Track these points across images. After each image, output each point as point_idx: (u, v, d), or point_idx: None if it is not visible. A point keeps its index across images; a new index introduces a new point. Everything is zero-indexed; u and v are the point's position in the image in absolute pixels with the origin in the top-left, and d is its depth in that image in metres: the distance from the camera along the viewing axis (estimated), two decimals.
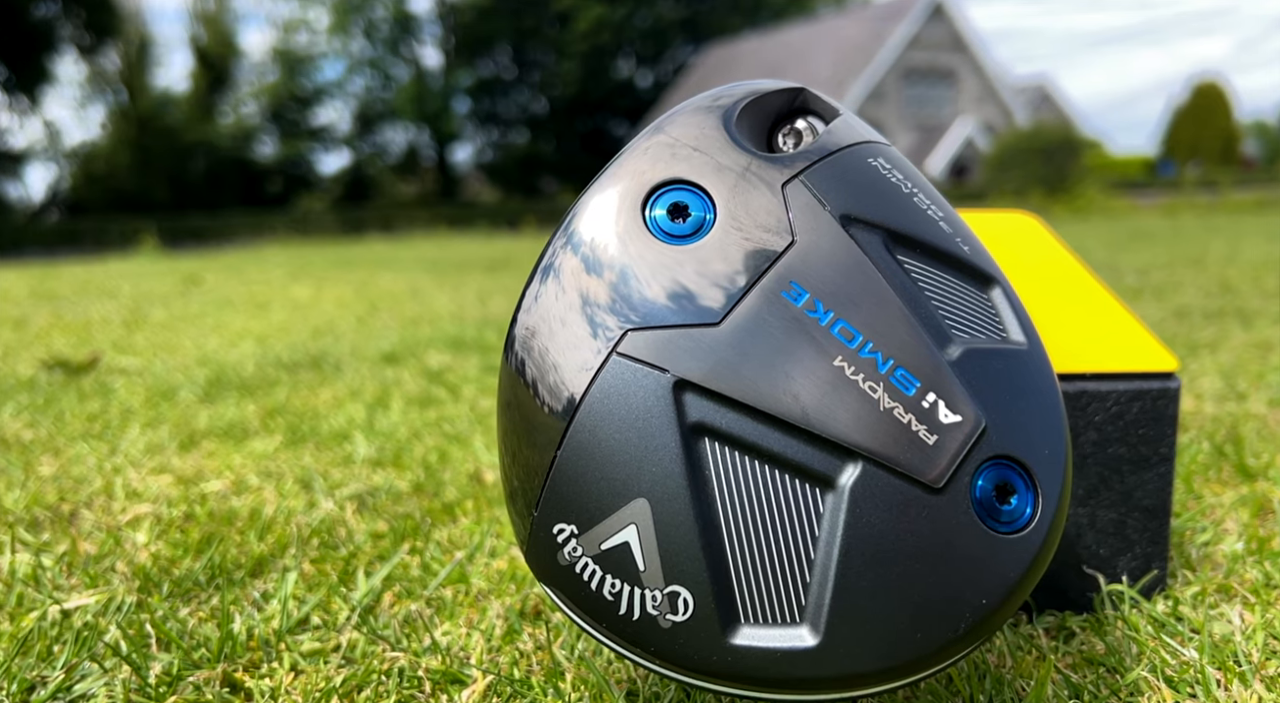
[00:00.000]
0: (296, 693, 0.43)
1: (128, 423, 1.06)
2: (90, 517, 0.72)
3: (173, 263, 4.94)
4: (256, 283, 3.23)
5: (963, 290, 0.38)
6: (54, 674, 0.45)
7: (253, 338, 1.78)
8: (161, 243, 7.49)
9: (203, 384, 1.30)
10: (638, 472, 0.34)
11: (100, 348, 1.67)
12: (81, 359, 1.49)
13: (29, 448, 0.96)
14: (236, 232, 10.96)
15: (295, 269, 4.03)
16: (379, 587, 0.55)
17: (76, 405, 1.17)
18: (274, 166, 18.89)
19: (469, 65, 19.55)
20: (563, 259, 0.36)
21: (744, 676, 0.34)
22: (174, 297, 2.74)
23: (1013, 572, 0.34)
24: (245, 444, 0.95)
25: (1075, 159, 12.22)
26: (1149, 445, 0.50)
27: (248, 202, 16.95)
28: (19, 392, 1.29)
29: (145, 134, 17.62)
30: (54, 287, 3.23)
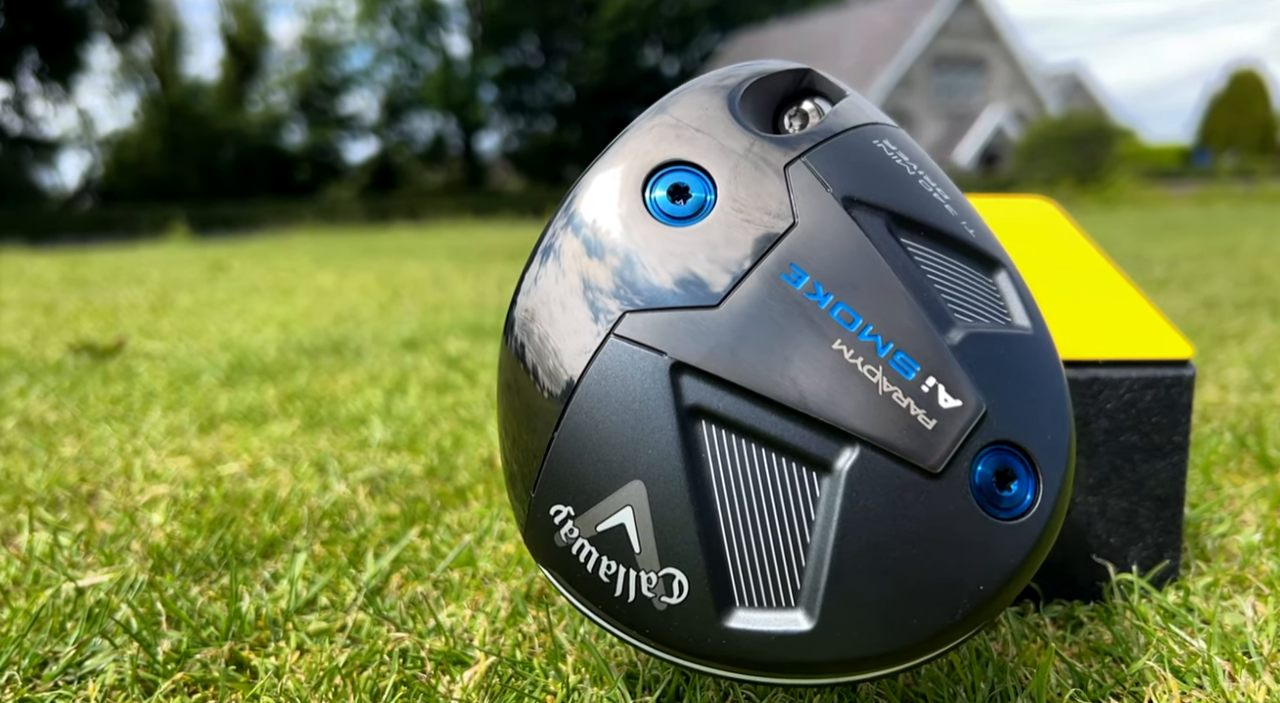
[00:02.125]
0: (301, 672, 0.44)
1: (150, 406, 1.07)
2: (109, 497, 0.73)
3: (201, 250, 4.99)
4: (282, 270, 3.25)
5: (967, 274, 0.38)
6: (65, 650, 0.46)
7: (276, 324, 1.80)
8: (191, 230, 7.57)
9: (225, 368, 1.31)
10: (634, 454, 0.34)
11: (126, 332, 1.69)
12: (107, 343, 1.51)
13: (53, 430, 0.97)
14: (265, 219, 11.05)
15: (321, 257, 4.06)
16: (387, 569, 0.56)
17: (101, 388, 1.18)
18: (302, 155, 19.03)
19: (496, 53, 19.56)
20: (562, 240, 0.36)
21: (738, 659, 0.34)
22: (200, 283, 2.77)
23: (1012, 558, 0.34)
24: (264, 428, 0.96)
25: (1107, 148, 12.05)
26: (1162, 434, 0.49)
27: (276, 190, 17.08)
28: (46, 374, 1.30)
29: (176, 122, 17.79)
30: (85, 273, 3.27)
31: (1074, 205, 8.14)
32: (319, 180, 18.76)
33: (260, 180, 17.44)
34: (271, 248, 5.10)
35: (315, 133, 19.10)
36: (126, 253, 4.88)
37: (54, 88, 17.73)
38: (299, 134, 19.27)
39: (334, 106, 19.67)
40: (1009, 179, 12.56)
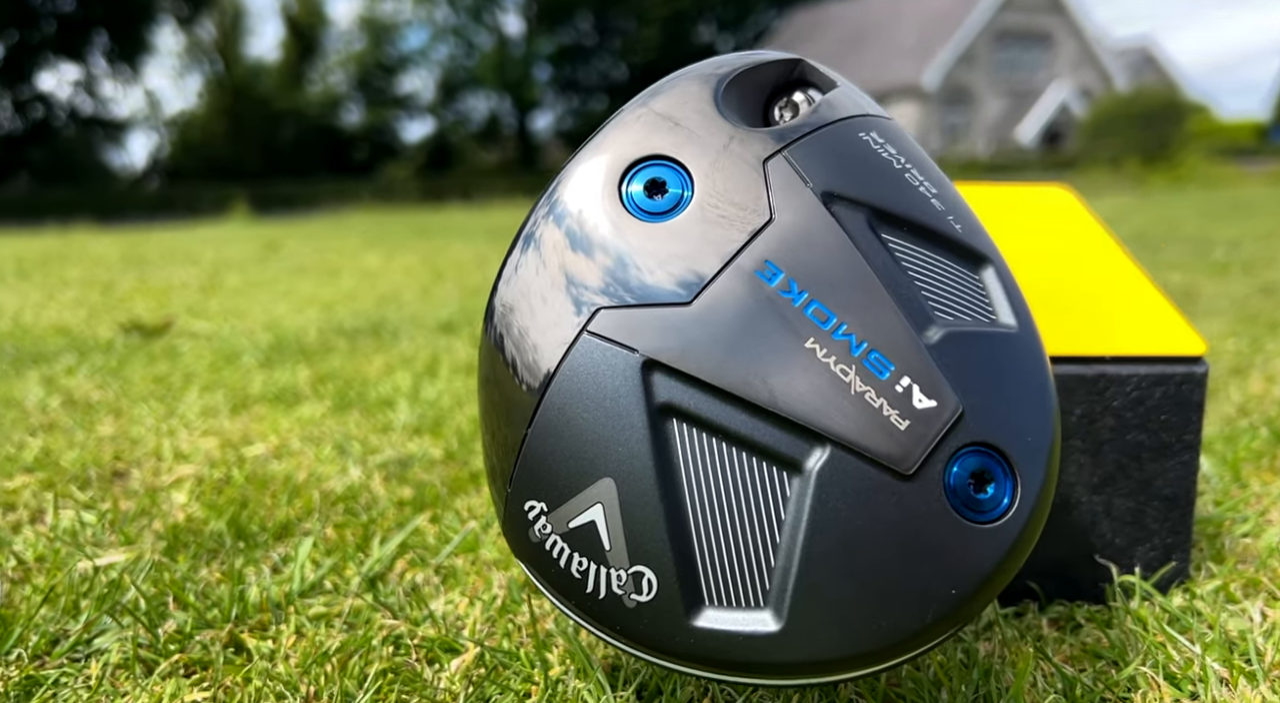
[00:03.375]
0: (295, 656, 0.45)
1: (188, 386, 1.10)
2: (139, 476, 0.76)
3: (258, 229, 5.09)
4: (332, 251, 3.31)
5: (951, 270, 0.37)
6: (75, 628, 0.48)
7: (319, 305, 1.83)
8: (252, 209, 7.72)
9: (265, 349, 1.34)
10: (605, 451, 0.34)
11: (175, 312, 1.73)
12: (156, 323, 1.55)
13: (94, 408, 1.00)
14: (323, 199, 11.21)
15: (371, 237, 4.11)
16: (390, 555, 0.56)
17: (144, 368, 1.22)
18: (360, 134, 19.27)
19: (550, 32, 19.56)
20: (543, 230, 0.36)
21: (707, 658, 0.34)
22: (251, 263, 2.83)
23: (986, 562, 0.33)
24: (295, 409, 0.98)
25: (1178, 125, 11.68)
26: (1171, 432, 0.48)
27: (335, 169, 17.34)
28: (96, 353, 1.34)
29: (239, 103, 18.13)
30: (143, 252, 3.36)
31: (1142, 185, 7.91)
32: (376, 160, 18.99)
33: (319, 160, 17.72)
34: (326, 228, 5.19)
35: (372, 113, 19.33)
36: (185, 232, 5.00)
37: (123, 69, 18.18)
38: (357, 114, 19.52)
39: (391, 86, 19.87)
40: (1071, 158, 12.24)
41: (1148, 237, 2.99)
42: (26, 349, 1.39)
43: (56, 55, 17.82)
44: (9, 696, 0.42)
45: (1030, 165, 12.42)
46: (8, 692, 0.42)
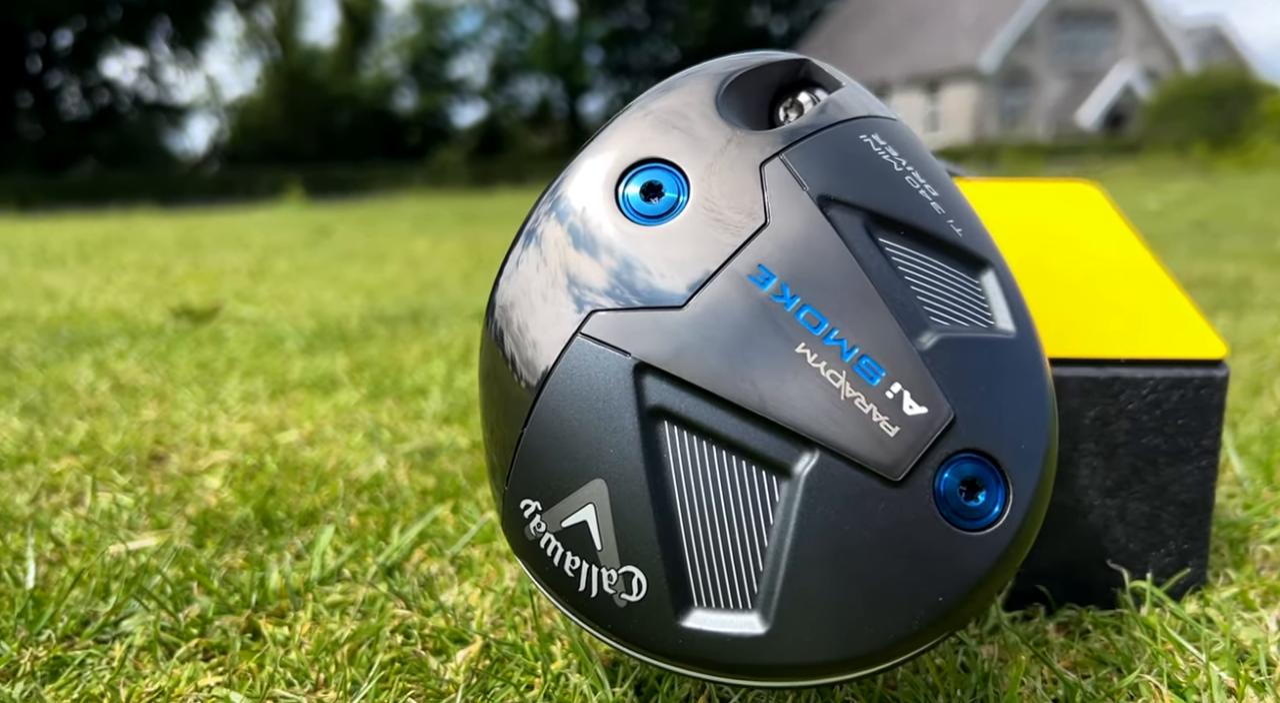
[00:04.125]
0: (309, 643, 0.46)
1: (230, 372, 1.13)
2: (177, 461, 0.78)
3: (310, 214, 5.18)
4: (381, 235, 3.35)
5: (949, 275, 0.36)
6: (104, 611, 0.50)
7: (364, 291, 1.86)
8: (307, 193, 7.84)
9: (308, 336, 1.36)
10: (597, 453, 0.34)
11: (223, 297, 1.77)
12: (205, 308, 1.59)
13: (140, 393, 1.03)
14: (377, 183, 11.36)
15: (420, 222, 4.16)
16: (409, 545, 0.58)
17: (190, 353, 1.25)
18: (413, 119, 19.47)
19: (602, 15, 19.52)
20: (544, 227, 0.37)
21: (695, 658, 0.34)
22: (300, 248, 2.88)
23: (976, 570, 0.33)
24: (331, 396, 1.00)
25: (1250, 107, 11.29)
26: (1189, 437, 0.47)
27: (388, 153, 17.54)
28: (146, 337, 1.38)
29: (295, 88, 18.41)
30: (198, 236, 3.44)
31: (1209, 171, 7.67)
32: (429, 144, 19.17)
33: (373, 144, 17.94)
34: (377, 212, 5.26)
35: (425, 97, 19.50)
36: (241, 216, 5.11)
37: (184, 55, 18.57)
38: (410, 98, 19.71)
39: (443, 71, 20.02)
40: (1135, 142, 11.92)
41: (1210, 224, 2.90)
42: (82, 333, 1.44)
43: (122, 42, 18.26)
44: (36, 675, 0.44)
45: (1091, 149, 12.13)
46: (35, 671, 0.44)
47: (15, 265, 2.57)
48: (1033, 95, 17.23)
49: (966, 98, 17.19)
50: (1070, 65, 17.18)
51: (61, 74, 18.42)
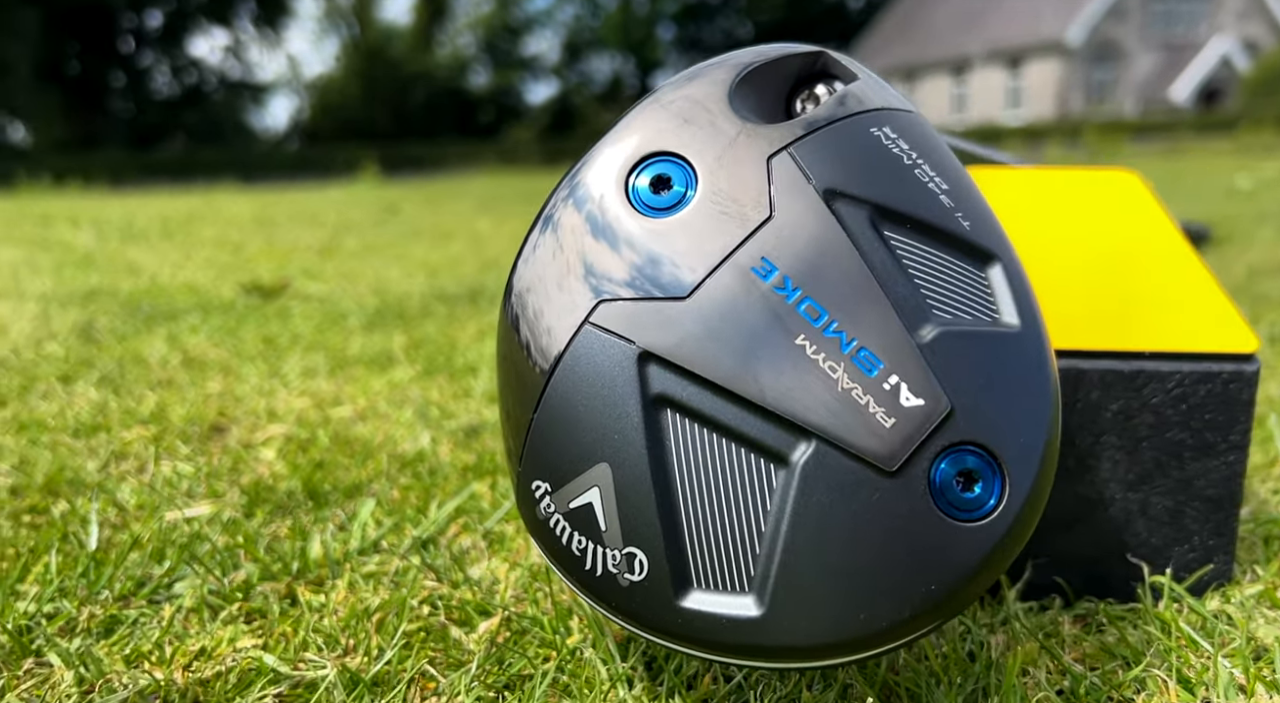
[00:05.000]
0: (343, 610, 0.49)
1: (293, 347, 1.17)
2: (236, 433, 0.82)
3: (382, 192, 5.28)
4: (447, 214, 3.41)
5: (954, 268, 0.37)
6: (158, 574, 0.53)
7: (427, 269, 1.90)
8: (382, 170, 7.99)
9: (370, 313, 1.40)
10: (602, 438, 0.36)
11: (292, 274, 1.83)
12: (274, 284, 1.64)
13: (207, 366, 1.08)
14: (450, 160, 11.51)
15: (487, 201, 4.21)
16: (444, 519, 0.60)
17: (257, 328, 1.30)
18: (486, 96, 19.64)
19: None
20: (560, 214, 0.38)
21: (693, 637, 0.35)
22: (370, 226, 2.95)
23: (969, 560, 0.34)
24: (387, 372, 1.03)
25: None
26: (1216, 432, 0.46)
27: (461, 131, 17.74)
28: (218, 313, 1.44)
29: (372, 66, 18.71)
30: (274, 213, 3.54)
31: None
32: (501, 122, 19.33)
33: (447, 121, 18.15)
34: (445, 191, 5.34)
35: (499, 75, 19.65)
36: (316, 193, 5.23)
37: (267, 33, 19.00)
38: (483, 76, 19.88)
39: (517, 48, 20.12)
40: (1232, 118, 11.42)
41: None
42: (159, 307, 1.50)
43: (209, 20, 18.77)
44: (92, 632, 0.47)
45: (1183, 126, 11.66)
46: (91, 628, 0.47)
47: (103, 240, 2.68)
48: (1121, 70, 16.62)
49: (1050, 73, 16.65)
50: (1163, 38, 16.50)
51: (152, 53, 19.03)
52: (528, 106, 20.30)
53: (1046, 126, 12.62)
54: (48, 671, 0.43)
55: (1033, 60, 16.97)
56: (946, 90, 19.14)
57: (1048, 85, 16.71)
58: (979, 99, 18.36)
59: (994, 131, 13.25)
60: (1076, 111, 15.78)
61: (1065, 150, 8.38)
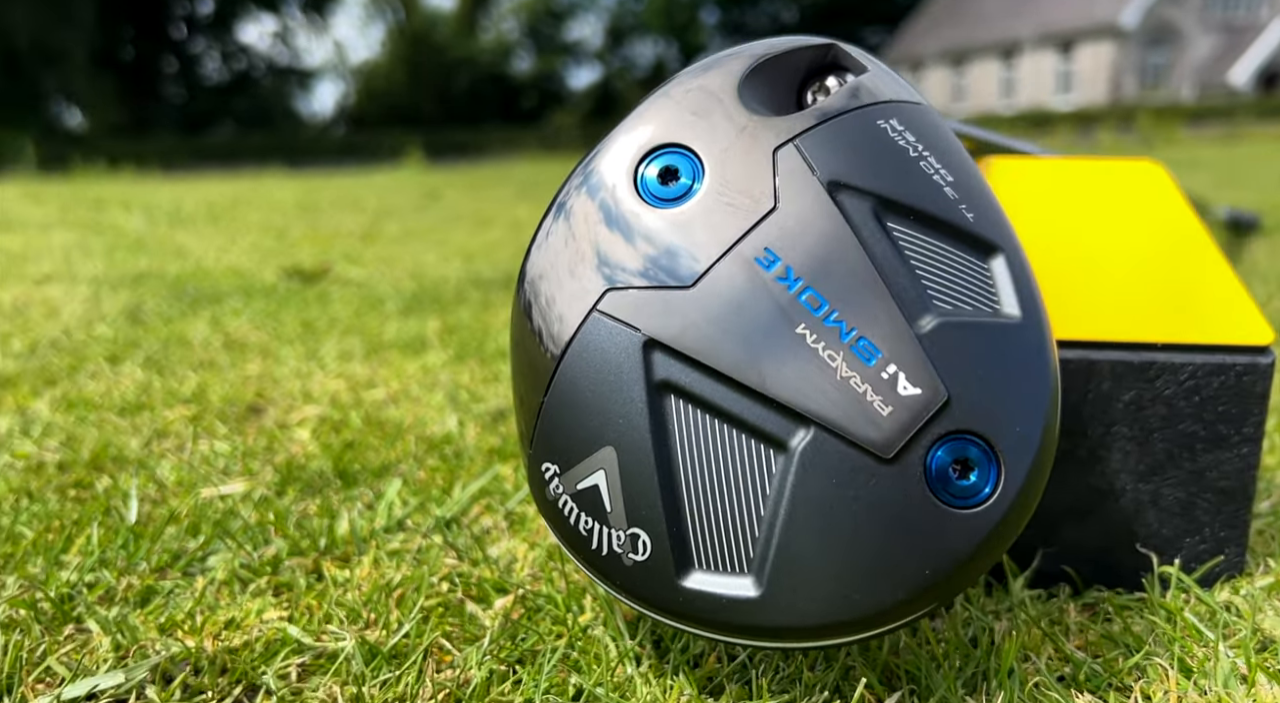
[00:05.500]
0: (366, 586, 0.50)
1: (331, 331, 1.20)
2: (272, 414, 0.84)
3: (425, 177, 5.33)
4: (488, 200, 3.44)
5: (957, 260, 0.37)
6: (193, 547, 0.55)
7: (464, 255, 1.92)
8: (426, 155, 8.05)
9: (407, 298, 1.43)
10: (608, 422, 0.37)
11: (333, 259, 1.86)
12: (315, 269, 1.67)
13: (247, 349, 1.11)
14: (493, 146, 11.57)
15: (527, 187, 4.24)
16: (467, 499, 0.62)
17: (297, 312, 1.33)
18: (529, 82, 19.69)
19: None
20: (573, 202, 0.39)
21: (694, 616, 0.36)
22: (411, 211, 2.98)
23: (963, 546, 0.34)
24: (420, 357, 1.05)
25: None
26: (1230, 424, 0.46)
27: (504, 116, 17.81)
28: (260, 297, 1.47)
29: (417, 51, 18.83)
30: (317, 198, 3.59)
31: None
32: (544, 107, 19.37)
33: (490, 107, 18.23)
34: (487, 177, 5.37)
35: (542, 60, 19.68)
36: (360, 179, 5.30)
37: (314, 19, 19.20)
38: (527, 61, 19.92)
39: (560, 33, 20.13)
40: None
41: None
42: (204, 291, 1.54)
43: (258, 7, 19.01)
44: (129, 601, 0.49)
45: (1241, 111, 11.35)
46: (129, 598, 0.49)
47: (153, 225, 2.75)
48: (1178, 53, 16.21)
49: (1104, 57, 16.29)
50: (1222, 20, 16.06)
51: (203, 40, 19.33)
52: (570, 92, 20.33)
53: (1098, 112, 12.36)
54: (86, 636, 0.45)
55: (1085, 43, 16.61)
56: (995, 75, 18.81)
57: (1100, 69, 16.35)
58: (1028, 83, 18.03)
59: (1043, 117, 13.00)
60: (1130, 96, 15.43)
61: (1117, 136, 8.20)
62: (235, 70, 19.44)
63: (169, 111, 18.83)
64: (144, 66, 18.77)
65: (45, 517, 0.60)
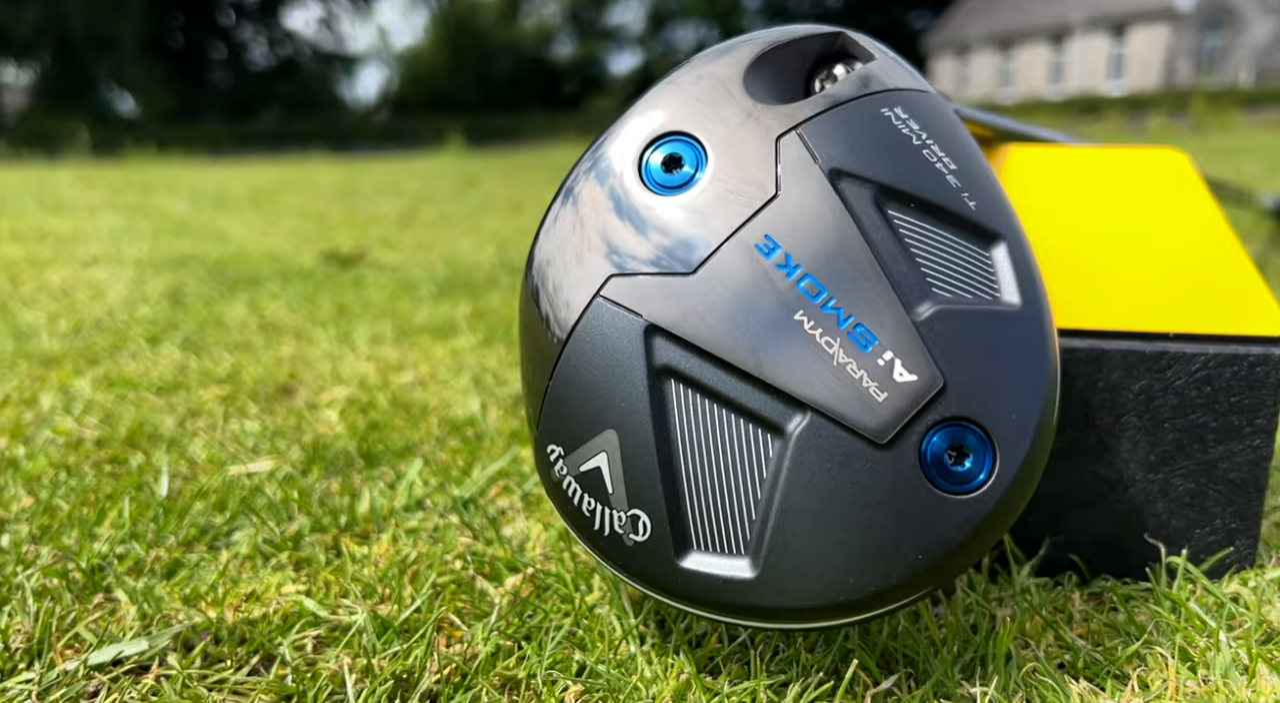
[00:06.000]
0: (382, 562, 0.52)
1: (364, 315, 1.22)
2: (303, 395, 0.86)
3: (463, 163, 5.36)
4: (524, 186, 3.45)
5: (957, 247, 0.37)
6: (219, 522, 0.57)
7: (498, 241, 1.94)
8: (466, 141, 8.10)
9: (439, 283, 1.45)
10: (610, 405, 0.38)
11: (370, 244, 1.89)
12: (351, 253, 1.70)
13: (282, 331, 1.13)
14: (533, 132, 11.60)
15: (563, 172, 4.24)
16: (485, 480, 0.63)
17: (332, 296, 1.35)
18: (570, 67, 19.68)
19: None
20: (581, 187, 0.40)
21: (692, 596, 0.37)
22: (448, 197, 3.01)
23: (957, 532, 0.35)
24: (450, 341, 1.07)
25: None
26: (1242, 415, 0.46)
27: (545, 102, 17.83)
28: (298, 281, 1.50)
29: (459, 36, 18.90)
30: (357, 183, 3.64)
31: None
32: (585, 93, 19.37)
33: (531, 93, 18.26)
34: (525, 162, 5.39)
35: (583, 46, 19.66)
36: (401, 164, 5.34)
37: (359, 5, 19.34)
38: (568, 47, 19.91)
39: (601, 18, 20.09)
40: None
41: None
42: (243, 274, 1.57)
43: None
44: (156, 572, 0.51)
45: None
46: (156, 570, 0.51)
47: (197, 209, 2.80)
48: (1235, 36, 15.78)
49: (1157, 40, 15.91)
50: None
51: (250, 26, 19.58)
52: (611, 77, 20.32)
53: (1151, 97, 12.09)
54: (114, 605, 0.47)
55: (1138, 27, 16.24)
56: (1044, 59, 18.46)
57: (1154, 53, 15.97)
58: (1079, 68, 17.66)
59: (1094, 102, 12.74)
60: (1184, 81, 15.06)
61: (1169, 121, 8.02)
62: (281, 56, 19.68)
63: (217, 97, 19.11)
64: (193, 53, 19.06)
65: (81, 491, 0.62)
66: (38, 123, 12.41)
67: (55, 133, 9.28)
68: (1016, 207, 0.55)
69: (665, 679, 0.40)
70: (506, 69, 18.77)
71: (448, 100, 17.34)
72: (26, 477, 0.65)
